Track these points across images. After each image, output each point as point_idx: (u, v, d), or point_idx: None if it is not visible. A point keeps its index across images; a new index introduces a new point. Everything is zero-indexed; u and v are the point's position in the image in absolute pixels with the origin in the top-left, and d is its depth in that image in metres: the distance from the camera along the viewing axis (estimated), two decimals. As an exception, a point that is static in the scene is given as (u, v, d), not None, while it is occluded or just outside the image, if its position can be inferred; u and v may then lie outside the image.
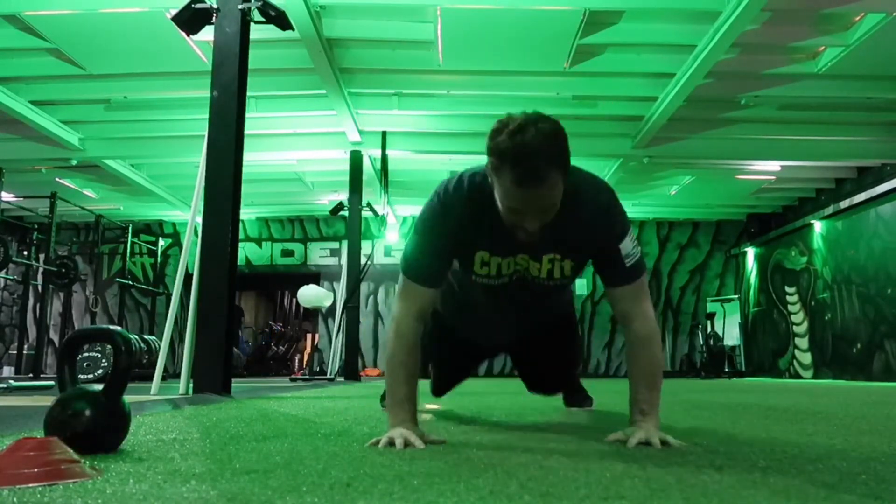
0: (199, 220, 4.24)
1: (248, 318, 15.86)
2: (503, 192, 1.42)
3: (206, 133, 4.24)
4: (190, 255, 4.49)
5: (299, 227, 13.07)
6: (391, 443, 1.45)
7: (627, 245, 1.59)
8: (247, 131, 4.35)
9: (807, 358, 10.58)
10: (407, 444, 1.44)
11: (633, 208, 11.91)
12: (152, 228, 12.93)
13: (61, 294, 10.83)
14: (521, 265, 1.68)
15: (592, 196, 1.59)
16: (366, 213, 9.21)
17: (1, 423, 2.02)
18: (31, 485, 0.96)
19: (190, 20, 4.25)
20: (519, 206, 1.42)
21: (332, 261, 12.72)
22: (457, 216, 1.59)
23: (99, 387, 1.41)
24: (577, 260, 1.68)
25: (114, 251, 12.27)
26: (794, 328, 10.95)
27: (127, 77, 7.05)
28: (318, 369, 10.04)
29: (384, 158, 8.57)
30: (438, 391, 2.52)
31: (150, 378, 4.60)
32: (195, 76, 6.71)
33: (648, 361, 1.62)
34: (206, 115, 4.24)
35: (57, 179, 10.06)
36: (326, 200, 11.25)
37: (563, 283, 1.73)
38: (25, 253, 10.27)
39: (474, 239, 1.63)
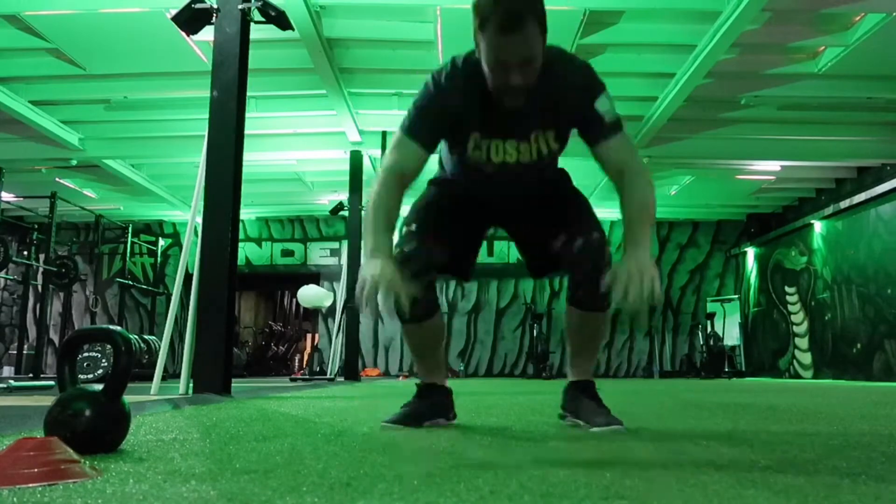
0: (199, 220, 4.24)
1: (248, 318, 15.86)
2: (488, 46, 1.54)
3: (206, 133, 4.24)
4: (190, 255, 4.49)
5: (299, 227, 13.07)
6: (375, 287, 1.51)
7: (605, 102, 1.71)
8: (247, 131, 4.35)
9: (807, 358, 10.58)
10: (391, 287, 1.51)
11: (633, 208, 11.90)
12: (152, 228, 12.93)
13: (61, 294, 10.83)
14: (510, 154, 1.75)
15: (568, 61, 1.72)
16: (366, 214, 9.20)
17: (1, 423, 2.02)
18: (31, 485, 0.96)
19: (190, 20, 4.25)
20: (503, 56, 1.53)
21: (332, 261, 12.72)
22: (450, 95, 1.69)
23: (99, 387, 1.41)
24: (559, 129, 1.77)
25: (114, 251, 12.27)
26: (794, 328, 10.95)
27: (127, 77, 7.05)
28: (318, 369, 10.05)
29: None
30: (459, 271, 2.03)
31: (150, 378, 4.60)
32: (195, 76, 6.71)
33: (641, 202, 1.69)
34: (206, 115, 4.24)
35: (57, 179, 10.06)
36: (326, 200, 11.25)
37: (550, 159, 1.82)
38: (25, 253, 10.28)
39: (466, 119, 1.71)
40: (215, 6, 4.24)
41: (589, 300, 1.83)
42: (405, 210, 1.83)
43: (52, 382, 5.09)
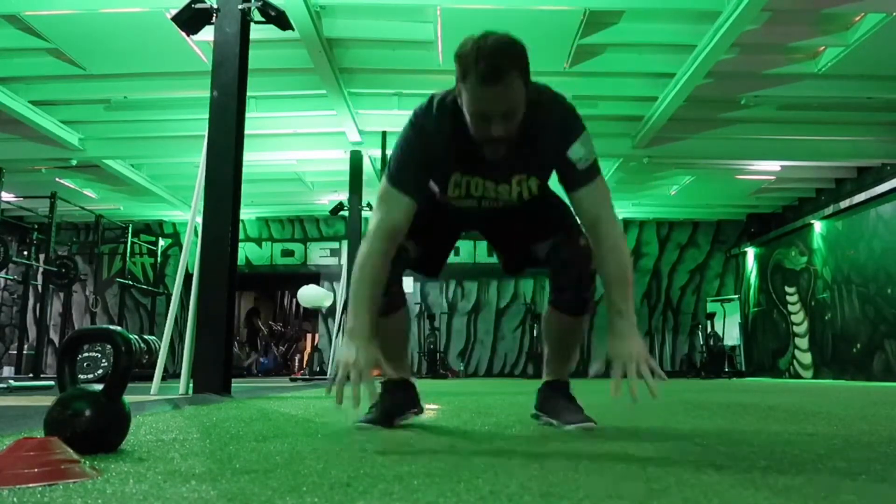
0: (199, 220, 4.24)
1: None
2: (469, 96, 1.54)
3: (206, 133, 4.24)
4: (190, 255, 4.49)
5: (299, 227, 13.07)
6: (347, 373, 1.53)
7: (579, 149, 1.68)
8: (247, 131, 4.35)
9: (807, 358, 10.58)
10: (360, 376, 1.52)
11: (634, 208, 11.92)
12: (152, 228, 12.93)
13: (61, 294, 10.83)
14: (489, 192, 1.77)
15: (549, 105, 1.70)
16: (366, 213, 9.21)
17: (1, 423, 2.02)
18: (31, 485, 0.96)
19: (190, 20, 4.25)
20: (485, 107, 1.53)
21: (332, 261, 12.72)
22: (430, 136, 1.69)
23: (99, 387, 1.41)
24: (541, 175, 1.78)
25: (114, 251, 12.27)
26: (794, 328, 10.95)
27: (127, 77, 7.05)
28: (318, 369, 10.05)
29: (384, 158, 8.57)
30: (428, 269, 2.06)
31: (150, 378, 4.60)
32: (195, 76, 6.71)
33: (618, 264, 1.69)
34: (206, 115, 4.24)
35: (57, 179, 10.06)
36: (326, 200, 11.25)
37: (531, 202, 1.82)
38: (25, 253, 10.27)
39: (448, 158, 1.71)
40: (215, 6, 4.25)
41: (573, 305, 1.87)
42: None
43: (52, 382, 5.09)
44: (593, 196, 1.71)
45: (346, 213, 9.17)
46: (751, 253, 12.38)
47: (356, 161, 8.99)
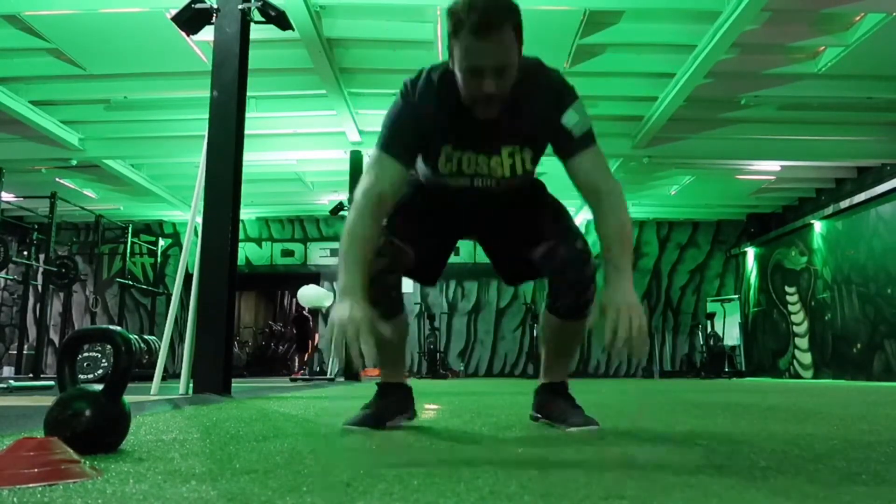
0: (199, 220, 4.24)
1: (248, 318, 15.86)
2: (462, 51, 1.51)
3: (206, 133, 4.24)
4: (190, 255, 4.49)
5: (299, 227, 13.07)
6: (343, 333, 1.46)
7: (573, 115, 1.64)
8: (247, 131, 4.35)
9: (807, 358, 10.58)
10: (358, 333, 1.46)
11: (633, 208, 11.90)
12: (152, 228, 12.93)
13: (61, 294, 10.83)
14: (481, 168, 1.72)
15: (542, 73, 1.67)
16: (366, 213, 9.20)
17: (1, 423, 2.02)
18: (31, 485, 0.96)
19: (190, 20, 4.25)
20: (477, 61, 1.50)
21: (332, 261, 12.70)
22: (421, 105, 1.66)
23: (99, 387, 1.41)
24: (535, 147, 1.73)
25: (114, 251, 12.27)
26: (794, 328, 10.95)
27: (127, 77, 7.05)
28: (318, 369, 10.05)
29: (384, 158, 8.56)
30: (424, 277, 2.03)
31: (150, 378, 4.60)
32: (195, 76, 6.71)
33: (617, 223, 1.65)
34: (206, 115, 4.24)
35: (57, 179, 10.07)
36: (326, 200, 11.25)
37: (525, 179, 1.78)
38: (25, 253, 10.26)
39: (438, 130, 1.68)
40: (215, 6, 4.25)
41: (571, 309, 1.79)
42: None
43: (52, 382, 5.09)
44: (591, 162, 1.67)
45: (346, 213, 9.15)
46: (751, 253, 12.38)
47: (356, 161, 8.99)
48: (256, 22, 4.35)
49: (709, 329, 11.83)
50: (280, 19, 4.36)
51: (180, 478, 1.05)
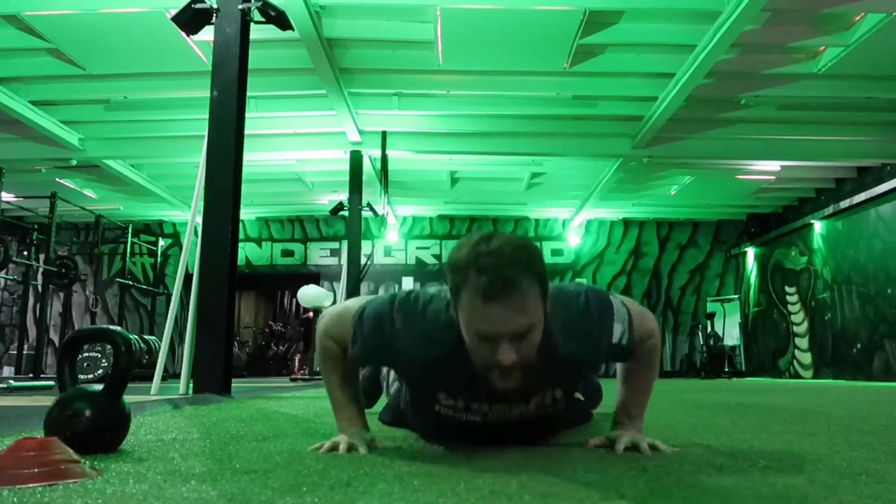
0: (199, 220, 4.24)
1: (248, 318, 15.85)
2: (468, 314, 1.19)
3: (206, 133, 4.24)
4: (190, 255, 4.49)
5: (299, 227, 13.07)
6: (335, 447, 1.39)
7: (617, 329, 1.38)
8: (247, 131, 4.35)
9: (807, 358, 10.58)
10: (351, 448, 1.38)
11: (633, 208, 11.92)
12: (152, 228, 12.93)
13: (61, 294, 10.83)
14: (499, 415, 1.42)
15: (567, 306, 1.35)
16: (366, 214, 9.21)
17: (1, 423, 2.02)
18: (31, 485, 0.96)
19: (190, 20, 4.25)
20: (488, 329, 1.18)
21: (332, 261, 12.72)
22: (403, 355, 1.36)
23: (99, 387, 1.41)
24: (570, 384, 1.46)
25: (114, 251, 12.27)
26: (794, 328, 10.95)
27: (127, 77, 7.05)
28: (318, 369, 10.03)
29: (384, 158, 8.57)
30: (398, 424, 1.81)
31: (150, 378, 4.60)
32: (195, 76, 6.71)
33: (645, 379, 1.53)
34: (206, 115, 4.24)
35: (57, 179, 10.06)
36: (326, 200, 11.25)
37: (557, 409, 1.47)
38: (25, 253, 10.27)
39: (430, 380, 1.40)
40: (215, 6, 4.25)
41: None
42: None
43: (52, 382, 5.09)
44: (641, 359, 1.50)
45: (346, 213, 9.16)
46: (751, 253, 12.38)
47: (356, 161, 8.99)
48: (256, 22, 4.35)
49: (709, 329, 11.83)
50: (280, 19, 4.36)
51: (180, 478, 1.05)
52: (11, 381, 5.48)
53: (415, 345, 1.33)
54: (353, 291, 8.96)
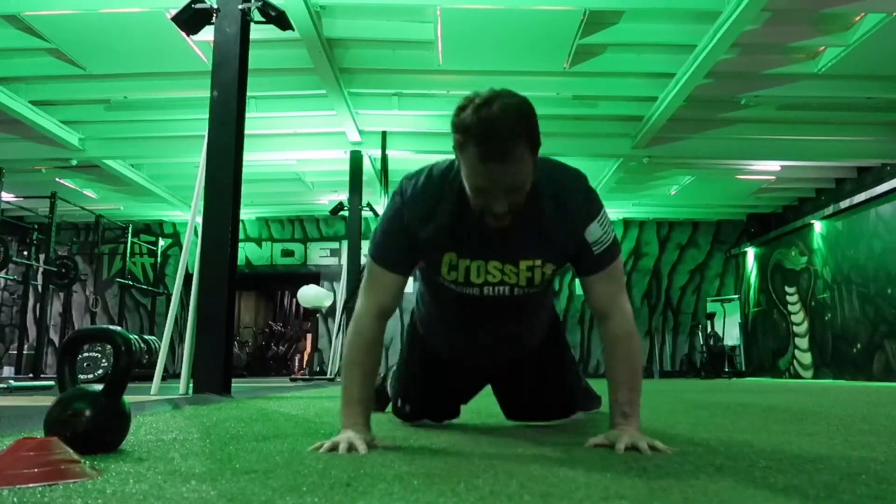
0: (199, 220, 4.24)
1: (248, 318, 15.85)
2: (468, 169, 1.38)
3: (206, 133, 4.24)
4: (190, 255, 4.49)
5: (299, 227, 13.07)
6: (334, 447, 1.40)
7: (597, 230, 1.52)
8: (247, 131, 4.35)
9: (807, 358, 10.58)
10: (351, 448, 1.39)
11: (633, 208, 11.91)
12: (152, 228, 12.93)
13: (61, 294, 10.83)
14: (493, 275, 1.57)
15: (560, 180, 1.53)
16: (366, 213, 9.22)
17: (1, 423, 2.02)
18: (31, 485, 0.96)
19: (190, 20, 4.26)
20: (485, 185, 1.37)
21: (332, 261, 12.72)
22: (416, 215, 1.52)
23: (99, 387, 1.41)
24: (557, 261, 1.59)
25: (114, 251, 12.27)
26: (794, 328, 10.95)
27: (127, 77, 7.05)
28: (318, 369, 10.05)
29: (384, 158, 8.57)
30: (411, 416, 2.10)
31: (150, 378, 4.61)
32: (195, 76, 6.71)
33: (628, 362, 1.54)
34: (206, 115, 4.24)
35: (57, 179, 10.06)
36: (326, 200, 11.25)
37: (541, 289, 1.64)
38: (25, 253, 10.27)
39: (439, 238, 1.54)
40: (215, 6, 4.25)
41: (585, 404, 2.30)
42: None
43: (52, 382, 5.09)
44: (607, 286, 1.56)
45: (346, 213, 9.17)
46: (751, 253, 12.38)
47: (356, 161, 8.99)
48: (256, 22, 4.35)
49: (709, 329, 11.83)
50: (280, 19, 4.36)
51: (180, 478, 1.05)
52: (11, 381, 5.48)
53: (425, 197, 1.53)
54: (353, 291, 8.97)
